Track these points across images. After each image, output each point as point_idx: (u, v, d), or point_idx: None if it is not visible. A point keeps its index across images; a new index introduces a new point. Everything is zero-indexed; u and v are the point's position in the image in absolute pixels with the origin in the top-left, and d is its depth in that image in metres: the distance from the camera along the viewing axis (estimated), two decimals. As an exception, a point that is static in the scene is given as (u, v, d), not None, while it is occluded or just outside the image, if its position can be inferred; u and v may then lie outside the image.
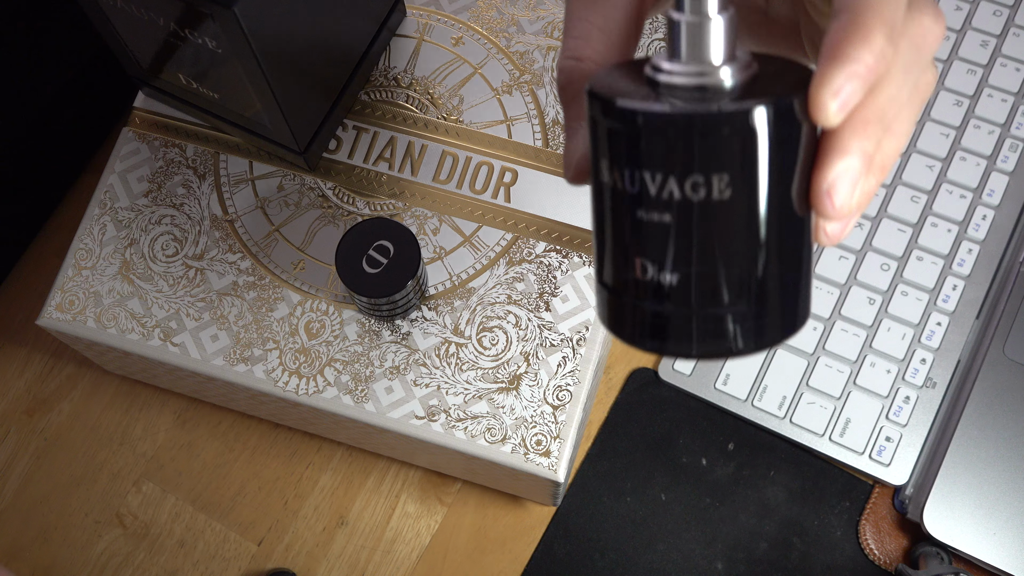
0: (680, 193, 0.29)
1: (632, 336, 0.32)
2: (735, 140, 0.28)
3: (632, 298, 0.31)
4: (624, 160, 0.30)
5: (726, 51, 0.30)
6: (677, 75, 0.30)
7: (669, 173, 0.29)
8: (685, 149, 0.29)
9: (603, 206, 0.31)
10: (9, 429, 0.64)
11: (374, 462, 0.63)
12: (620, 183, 0.30)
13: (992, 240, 0.65)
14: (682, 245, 0.30)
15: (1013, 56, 0.69)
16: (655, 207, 0.30)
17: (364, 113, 0.58)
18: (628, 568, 0.61)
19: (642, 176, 0.30)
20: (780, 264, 0.31)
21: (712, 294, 0.30)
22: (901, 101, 0.30)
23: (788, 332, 0.31)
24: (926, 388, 0.63)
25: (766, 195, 0.30)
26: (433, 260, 0.55)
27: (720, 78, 0.30)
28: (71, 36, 0.63)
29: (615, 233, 0.31)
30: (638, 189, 0.30)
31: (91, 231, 0.57)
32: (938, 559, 0.59)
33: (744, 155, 0.29)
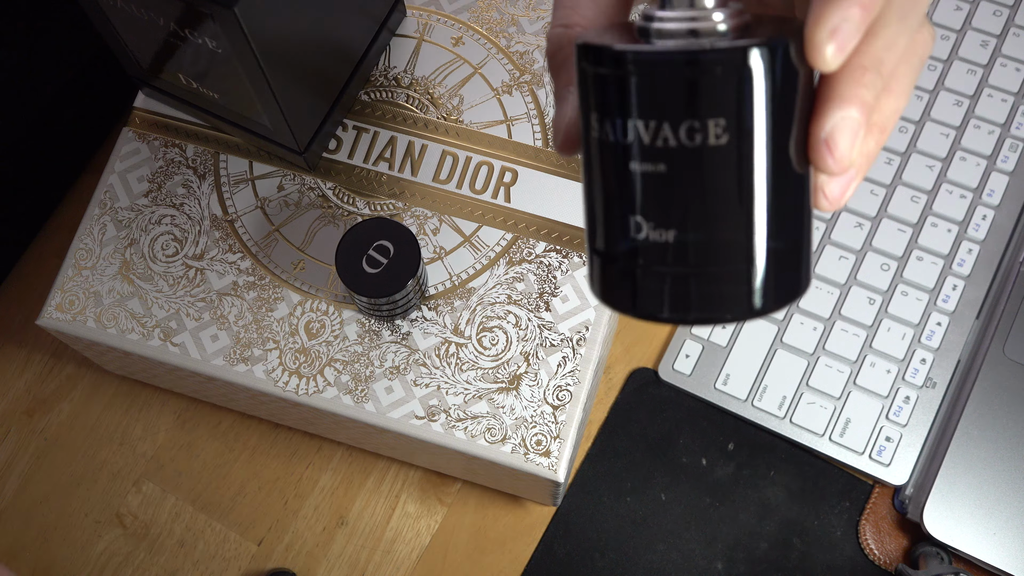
0: (675, 139, 0.28)
1: (625, 303, 0.30)
2: (731, 81, 0.27)
3: (627, 262, 0.30)
4: (615, 108, 0.28)
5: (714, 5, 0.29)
6: (669, 20, 0.29)
7: (663, 118, 0.28)
8: (679, 91, 0.27)
9: (593, 166, 0.30)
10: (9, 429, 0.64)
11: (374, 462, 0.63)
12: (612, 134, 0.29)
13: (992, 240, 0.65)
14: (678, 197, 0.29)
15: (1013, 56, 0.69)
16: (649, 156, 0.28)
17: (364, 113, 0.58)
18: (628, 568, 0.61)
19: (635, 124, 0.28)
20: (780, 222, 0.29)
21: (710, 252, 0.29)
22: (898, 52, 0.30)
23: (790, 297, 0.30)
24: (926, 388, 0.63)
25: (764, 143, 0.28)
26: (433, 260, 0.55)
27: (713, 21, 0.29)
28: (71, 36, 0.63)
29: (607, 192, 0.30)
30: (631, 138, 0.28)
31: (91, 231, 0.57)
32: (938, 559, 0.59)
33: (740, 98, 0.28)
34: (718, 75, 0.27)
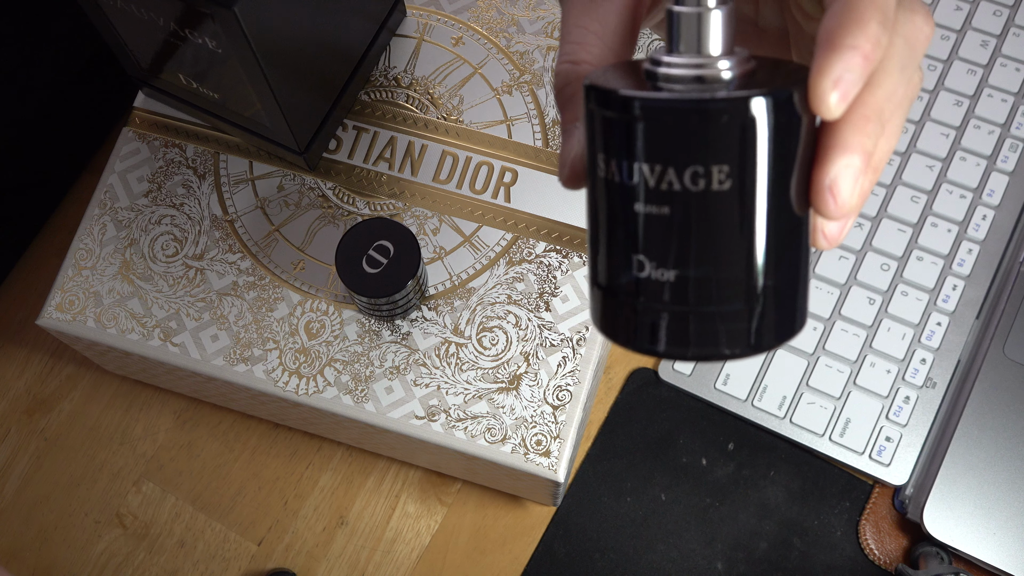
0: (679, 184, 0.29)
1: (627, 338, 0.31)
2: (735, 129, 0.28)
3: (628, 298, 0.31)
4: (622, 151, 0.29)
5: (724, 44, 0.30)
6: (675, 67, 0.30)
7: (668, 163, 0.29)
8: (685, 137, 0.28)
9: (599, 203, 0.31)
10: (9, 429, 0.64)
11: (374, 462, 0.63)
12: (617, 175, 0.30)
13: (992, 240, 0.65)
14: (681, 239, 0.29)
15: (1013, 56, 0.69)
16: (653, 199, 0.29)
17: (364, 113, 0.58)
18: (628, 568, 0.61)
19: (640, 167, 0.29)
20: (779, 264, 0.30)
21: (710, 292, 0.30)
22: (897, 99, 0.30)
23: (786, 336, 0.31)
24: (926, 388, 0.63)
25: (766, 189, 0.29)
26: (433, 260, 0.55)
27: (719, 69, 0.29)
28: (71, 36, 0.63)
29: (611, 229, 0.31)
30: (636, 180, 0.29)
31: (91, 231, 0.57)
32: (938, 559, 0.59)
33: (744, 145, 0.28)
34: (723, 124, 0.28)
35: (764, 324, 0.30)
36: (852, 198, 0.29)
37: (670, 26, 0.30)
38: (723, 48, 0.30)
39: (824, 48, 0.28)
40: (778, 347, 0.31)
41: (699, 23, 0.30)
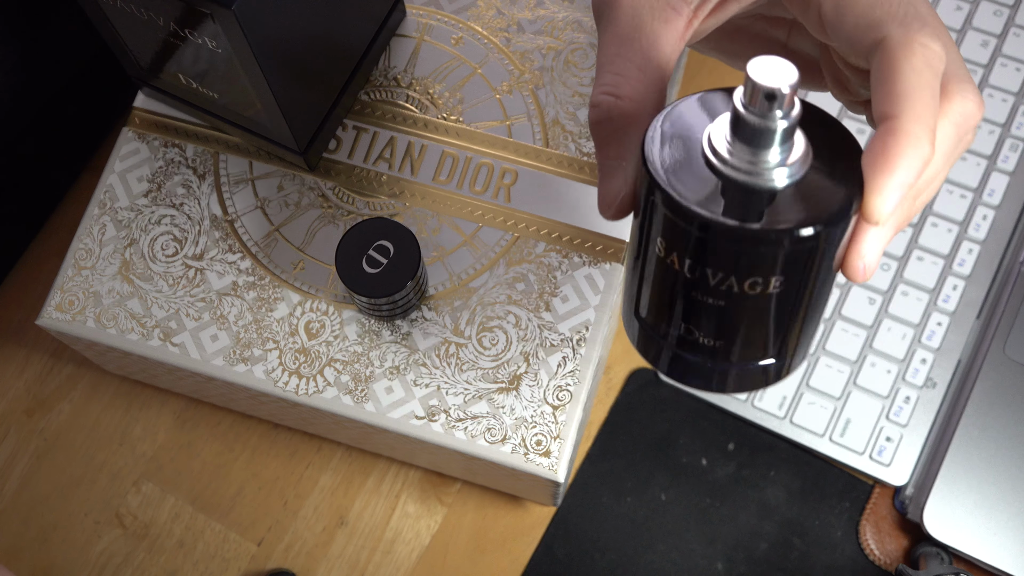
0: (739, 288, 0.31)
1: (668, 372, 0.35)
2: (796, 253, 0.30)
3: (673, 345, 0.34)
4: (687, 253, 0.31)
5: (784, 154, 0.31)
6: (737, 171, 0.31)
7: (731, 272, 0.31)
8: (750, 257, 0.30)
9: (651, 267, 0.33)
10: (9, 429, 0.64)
11: (374, 462, 0.63)
12: (678, 266, 0.32)
13: (992, 240, 0.65)
14: (731, 324, 0.32)
15: (1013, 56, 0.69)
16: (711, 294, 0.32)
17: (364, 113, 0.58)
18: (628, 568, 0.61)
19: (704, 271, 0.31)
20: (810, 327, 0.34)
21: (750, 355, 0.33)
22: (939, 178, 0.33)
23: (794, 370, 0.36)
24: (926, 388, 0.63)
25: (812, 287, 0.32)
26: (433, 260, 0.55)
27: (775, 181, 0.30)
28: (71, 36, 0.63)
29: (665, 296, 0.33)
30: (697, 276, 0.31)
31: (91, 231, 0.57)
32: (938, 559, 0.59)
33: (800, 263, 0.31)
34: (786, 250, 0.30)
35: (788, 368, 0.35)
36: (877, 263, 0.32)
37: (735, 120, 0.30)
38: (782, 157, 0.31)
39: (876, 168, 0.30)
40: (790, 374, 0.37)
41: (765, 134, 0.30)
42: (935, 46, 0.31)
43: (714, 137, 0.31)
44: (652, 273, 0.33)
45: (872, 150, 0.30)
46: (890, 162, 0.30)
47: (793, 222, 0.30)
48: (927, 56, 0.31)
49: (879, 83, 0.31)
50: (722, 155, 0.31)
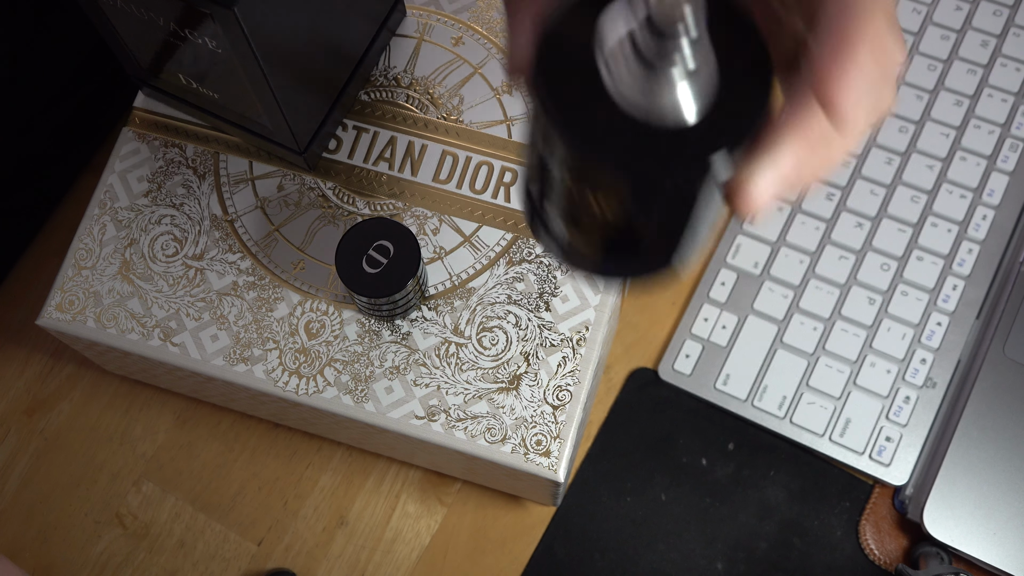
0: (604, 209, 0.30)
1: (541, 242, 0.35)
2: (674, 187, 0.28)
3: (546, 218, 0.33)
4: (565, 167, 0.30)
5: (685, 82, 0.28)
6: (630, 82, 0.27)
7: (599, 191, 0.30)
8: (627, 188, 0.29)
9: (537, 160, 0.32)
10: (9, 429, 0.64)
11: (374, 462, 0.63)
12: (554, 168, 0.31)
13: (992, 240, 0.65)
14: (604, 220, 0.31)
15: (1013, 56, 0.69)
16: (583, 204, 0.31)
17: (364, 113, 0.58)
18: (628, 568, 0.61)
19: (580, 188, 0.30)
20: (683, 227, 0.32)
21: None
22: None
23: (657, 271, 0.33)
24: (926, 388, 0.63)
25: (690, 216, 0.30)
26: (433, 260, 0.55)
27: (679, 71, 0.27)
28: (71, 36, 0.63)
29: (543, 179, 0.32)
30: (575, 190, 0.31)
31: (91, 231, 0.57)
32: (938, 559, 0.59)
33: (678, 196, 0.29)
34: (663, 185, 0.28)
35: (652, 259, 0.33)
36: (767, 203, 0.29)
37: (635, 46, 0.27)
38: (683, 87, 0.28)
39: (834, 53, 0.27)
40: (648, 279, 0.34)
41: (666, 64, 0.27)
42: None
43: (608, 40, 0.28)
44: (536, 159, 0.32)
45: (820, 38, 0.27)
46: (853, 45, 0.27)
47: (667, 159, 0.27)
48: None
49: None
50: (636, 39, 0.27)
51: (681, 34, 0.26)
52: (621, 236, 0.32)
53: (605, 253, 0.33)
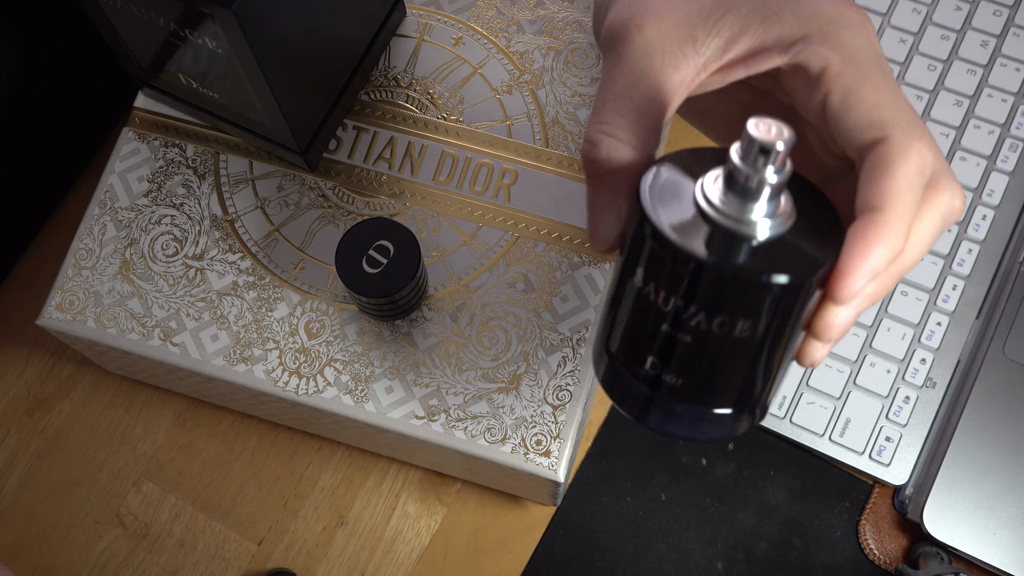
0: (707, 325, 0.33)
1: (628, 408, 0.36)
2: (763, 299, 0.32)
3: (635, 379, 0.35)
4: (662, 283, 0.33)
5: (770, 208, 0.33)
6: (724, 217, 0.33)
7: (702, 308, 0.32)
8: (724, 296, 0.32)
9: (628, 299, 0.34)
10: (9, 429, 0.64)
11: (374, 462, 0.63)
12: (654, 297, 0.33)
13: (992, 240, 0.65)
14: (695, 362, 0.34)
15: (1013, 56, 0.69)
16: (681, 328, 0.33)
17: (364, 113, 0.58)
18: (628, 568, 0.61)
19: (678, 302, 0.33)
20: (768, 381, 0.35)
21: (709, 398, 0.35)
22: (916, 261, 0.35)
23: (750, 428, 0.37)
24: (926, 388, 0.63)
25: (776, 338, 0.33)
26: (433, 260, 0.55)
27: (759, 227, 0.32)
28: (71, 36, 0.63)
29: (635, 326, 0.35)
30: (669, 309, 0.33)
31: (91, 231, 0.57)
32: (938, 559, 0.59)
33: (767, 310, 0.32)
34: (752, 293, 0.32)
35: (743, 422, 0.36)
36: (843, 331, 0.34)
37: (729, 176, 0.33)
38: (768, 211, 0.33)
39: (852, 253, 0.32)
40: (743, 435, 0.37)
41: (756, 186, 0.32)
42: (929, 154, 0.33)
43: (706, 186, 0.33)
44: (629, 306, 0.34)
45: (849, 237, 0.33)
46: (866, 249, 0.32)
47: (765, 269, 0.32)
48: (921, 162, 0.33)
49: (871, 177, 0.33)
50: (712, 202, 0.33)
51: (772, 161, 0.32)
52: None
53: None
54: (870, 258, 0.32)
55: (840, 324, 0.34)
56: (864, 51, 0.34)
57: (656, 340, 0.34)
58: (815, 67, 0.34)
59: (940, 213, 0.34)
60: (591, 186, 0.36)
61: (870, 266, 0.32)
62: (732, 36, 0.35)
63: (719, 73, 0.36)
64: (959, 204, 0.35)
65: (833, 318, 0.34)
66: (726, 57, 0.35)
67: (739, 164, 0.32)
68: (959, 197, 0.35)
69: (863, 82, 0.34)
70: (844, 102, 0.34)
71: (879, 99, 0.34)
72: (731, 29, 0.35)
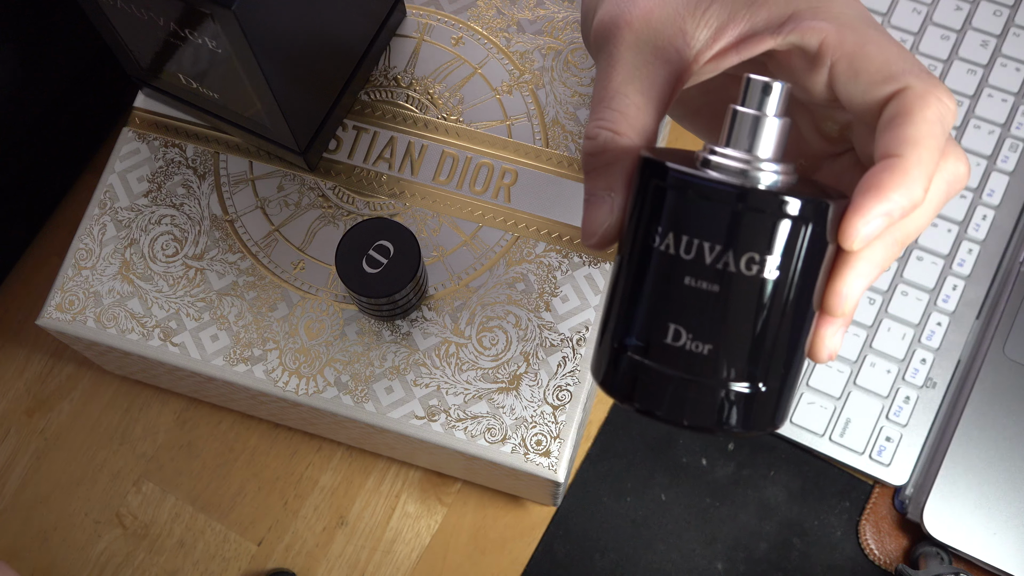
0: (735, 267, 0.31)
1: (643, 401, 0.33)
2: (788, 229, 0.31)
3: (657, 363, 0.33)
4: (688, 228, 0.32)
5: (775, 150, 0.33)
6: (734, 160, 0.32)
7: (731, 246, 0.31)
8: (747, 227, 0.31)
9: (635, 271, 0.33)
10: (9, 429, 0.64)
11: (374, 462, 0.63)
12: (674, 249, 0.32)
13: (992, 240, 0.65)
14: (724, 316, 0.32)
15: (1013, 56, 0.69)
16: (707, 276, 0.32)
17: (364, 113, 0.58)
18: (628, 568, 0.61)
19: (703, 245, 0.31)
20: (793, 358, 0.33)
21: (733, 366, 0.32)
22: (921, 227, 0.34)
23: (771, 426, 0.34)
24: (926, 388, 0.63)
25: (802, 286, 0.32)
26: (433, 260, 0.55)
27: (766, 170, 0.32)
28: (71, 36, 0.63)
29: (652, 298, 0.33)
30: (692, 256, 0.32)
31: (91, 231, 0.57)
32: (938, 559, 0.59)
33: (792, 244, 0.31)
34: (778, 219, 0.31)
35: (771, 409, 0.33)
36: (856, 301, 0.33)
37: (731, 123, 0.33)
38: (773, 154, 0.33)
39: (867, 190, 0.31)
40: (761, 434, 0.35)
41: (756, 125, 0.33)
42: (949, 104, 0.32)
43: (707, 151, 0.33)
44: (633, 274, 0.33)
45: (866, 179, 0.32)
46: (882, 190, 0.31)
47: (787, 193, 0.31)
48: (942, 110, 0.32)
49: (890, 127, 0.32)
50: (719, 152, 0.33)
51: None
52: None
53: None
54: (885, 200, 0.31)
55: (850, 292, 0.32)
56: (856, 17, 0.34)
57: (676, 299, 0.32)
58: (813, 43, 0.34)
59: (945, 179, 0.34)
60: (587, 180, 0.36)
61: (885, 208, 0.31)
62: (721, 25, 0.35)
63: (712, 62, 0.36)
64: (964, 170, 0.34)
65: (843, 285, 0.32)
66: (717, 46, 0.35)
67: (742, 108, 0.33)
68: (964, 163, 0.34)
69: (865, 43, 0.33)
70: (852, 67, 0.33)
71: (887, 55, 0.33)
72: (719, 18, 0.35)
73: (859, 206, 0.31)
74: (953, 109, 0.32)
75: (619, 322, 0.34)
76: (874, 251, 0.33)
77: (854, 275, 0.33)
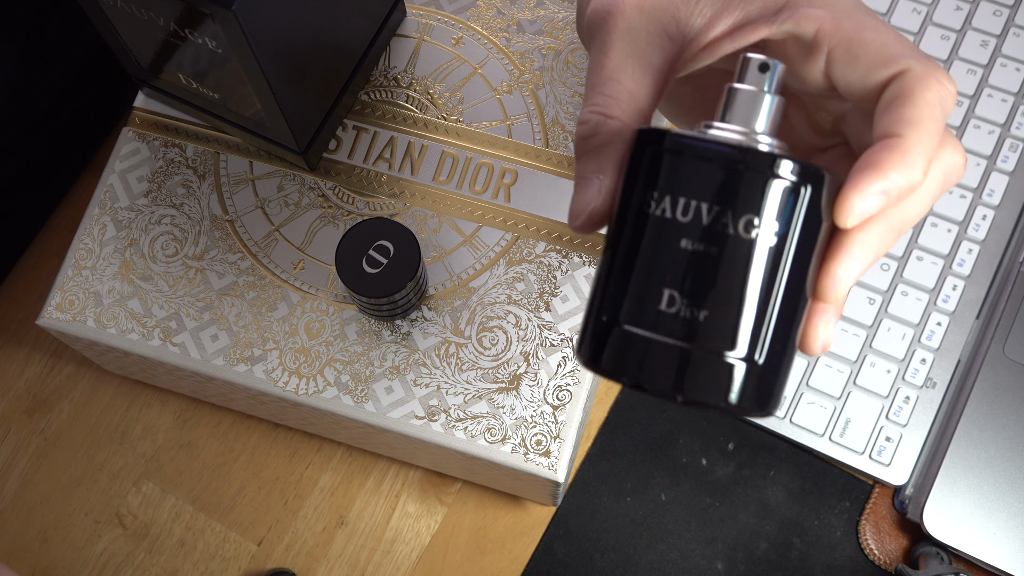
0: (733, 228, 0.31)
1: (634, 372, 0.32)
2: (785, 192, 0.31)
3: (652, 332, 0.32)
4: (686, 189, 0.31)
5: (771, 126, 0.33)
6: (732, 132, 0.33)
7: (730, 207, 0.31)
8: (744, 186, 0.31)
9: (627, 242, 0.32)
10: (9, 429, 0.64)
11: (374, 462, 0.63)
12: (670, 212, 0.31)
13: (992, 240, 0.65)
14: (720, 281, 0.31)
15: (1013, 56, 0.69)
16: (704, 238, 0.31)
17: (364, 113, 0.58)
18: (628, 568, 0.61)
19: (701, 206, 0.31)
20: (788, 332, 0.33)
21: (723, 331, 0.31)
22: (918, 215, 0.33)
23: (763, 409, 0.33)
24: (926, 388, 0.63)
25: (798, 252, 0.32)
26: (433, 260, 0.55)
27: (762, 142, 0.32)
28: (71, 36, 0.63)
29: (646, 265, 0.32)
30: (690, 219, 0.31)
31: (91, 231, 0.57)
32: (938, 559, 0.59)
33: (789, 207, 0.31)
34: (775, 179, 0.31)
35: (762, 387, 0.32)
36: (848, 288, 0.32)
37: (727, 100, 0.33)
38: (768, 129, 0.33)
39: (865, 167, 0.31)
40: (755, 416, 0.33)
41: (754, 101, 0.33)
42: (949, 87, 0.32)
43: (703, 126, 0.33)
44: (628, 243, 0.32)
45: (864, 158, 0.31)
46: (880, 168, 0.31)
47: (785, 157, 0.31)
48: (943, 93, 0.32)
49: (889, 109, 0.32)
50: (716, 126, 0.33)
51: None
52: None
53: None
54: (883, 178, 0.31)
55: (844, 275, 0.32)
56: (850, 3, 0.34)
57: (673, 263, 0.31)
58: (808, 31, 0.34)
59: (942, 169, 0.33)
60: (578, 164, 0.35)
61: (882, 185, 0.30)
62: (715, 13, 0.35)
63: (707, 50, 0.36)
64: (960, 161, 0.34)
65: (837, 266, 0.32)
66: (711, 34, 0.35)
67: (739, 85, 0.33)
68: (961, 154, 0.34)
69: (862, 29, 0.33)
70: (850, 52, 0.33)
71: (884, 39, 0.33)
72: (713, 6, 0.35)
73: (856, 182, 0.31)
74: (953, 93, 0.32)
75: (609, 295, 0.33)
76: (869, 235, 0.32)
77: (848, 258, 0.32)
